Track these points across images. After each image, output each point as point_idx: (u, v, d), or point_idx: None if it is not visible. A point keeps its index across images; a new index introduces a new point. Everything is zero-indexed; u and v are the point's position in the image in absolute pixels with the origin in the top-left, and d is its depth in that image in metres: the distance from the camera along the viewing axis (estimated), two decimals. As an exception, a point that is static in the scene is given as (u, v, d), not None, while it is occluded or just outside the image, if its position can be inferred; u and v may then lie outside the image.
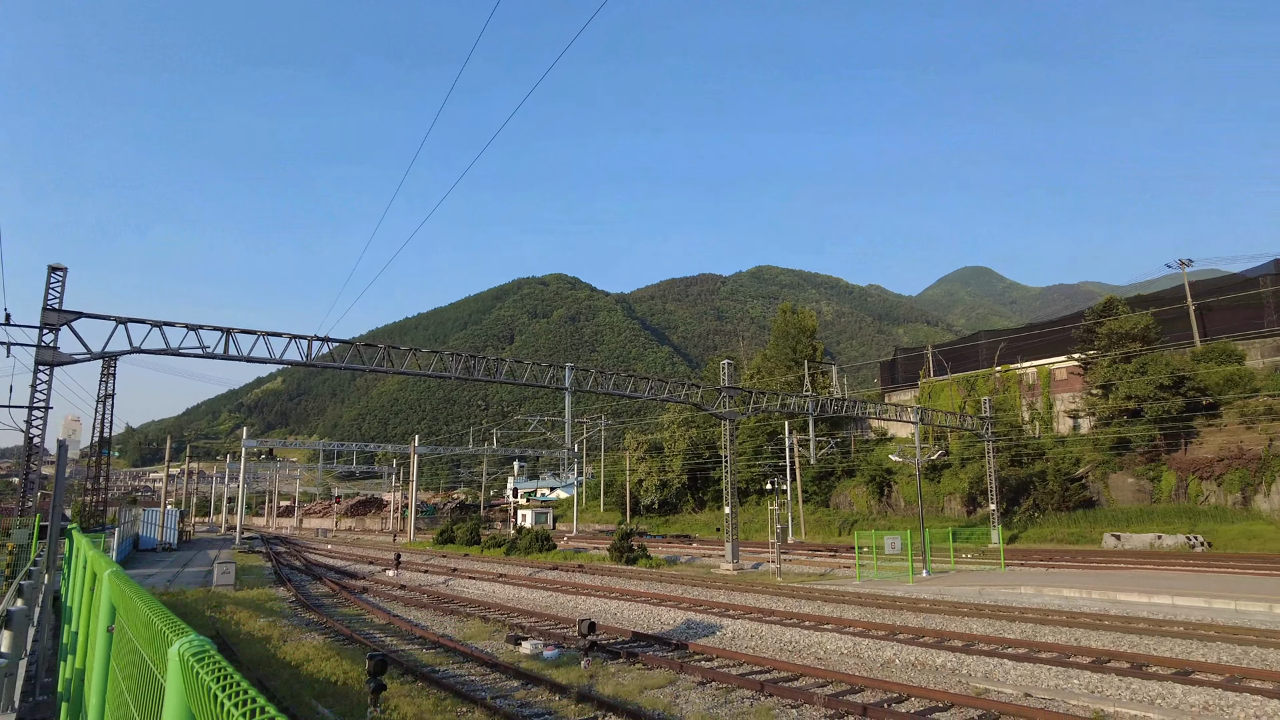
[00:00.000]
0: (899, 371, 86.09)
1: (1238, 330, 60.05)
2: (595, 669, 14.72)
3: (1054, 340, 67.99)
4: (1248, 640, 16.23)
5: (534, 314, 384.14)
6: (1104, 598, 23.98)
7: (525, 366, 35.43)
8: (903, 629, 18.78)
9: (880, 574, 33.36)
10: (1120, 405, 52.99)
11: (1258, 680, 13.09)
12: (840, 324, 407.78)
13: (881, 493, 69.14)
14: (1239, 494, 48.36)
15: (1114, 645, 16.23)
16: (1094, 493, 55.45)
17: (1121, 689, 12.59)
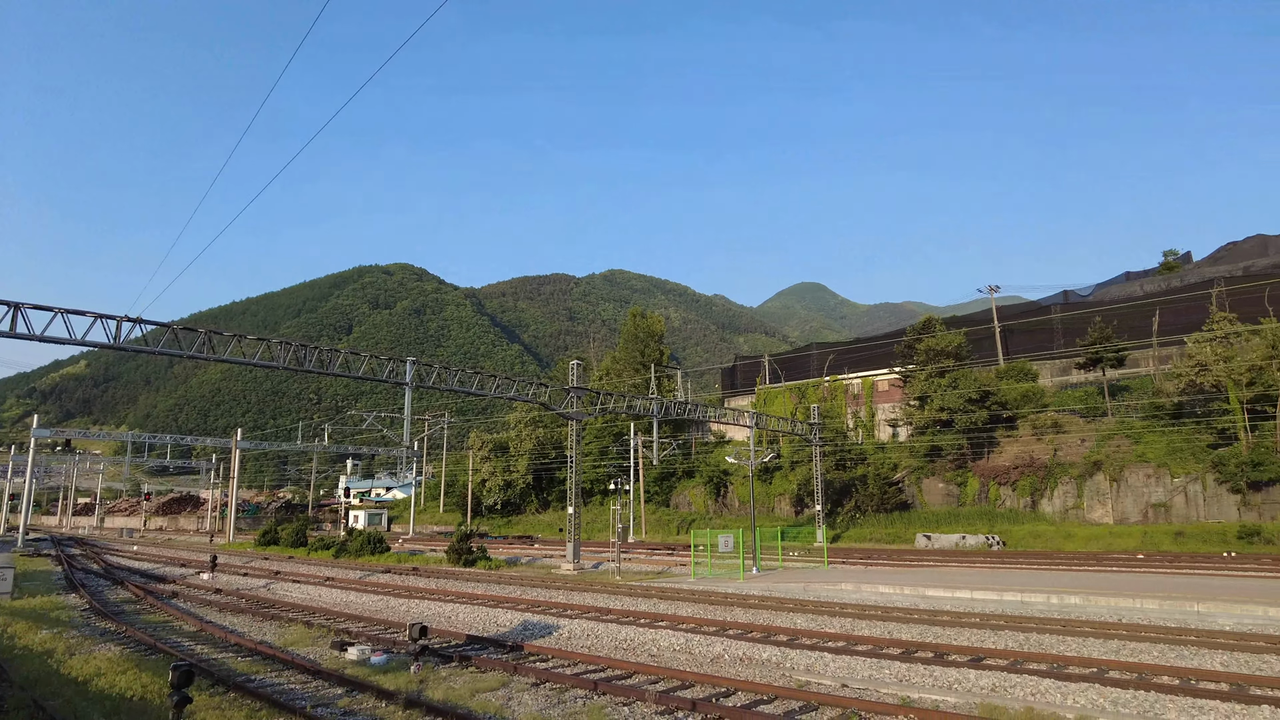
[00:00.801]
0: (738, 378, 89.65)
1: (1033, 352, 67.19)
2: (426, 673, 14.26)
3: (878, 354, 73.25)
4: (1029, 628, 18.10)
5: (376, 304, 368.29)
6: (914, 593, 25.98)
7: (363, 359, 33.87)
8: (733, 625, 19.50)
9: (714, 572, 34.51)
10: (934, 416, 57.73)
11: (1035, 663, 14.60)
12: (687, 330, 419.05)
13: (718, 493, 71.63)
14: (1029, 498, 53.96)
15: (921, 637, 17.60)
16: (909, 496, 60.07)
17: (926, 676, 13.66)
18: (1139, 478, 50.16)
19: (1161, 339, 59.44)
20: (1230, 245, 79.62)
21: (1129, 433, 52.85)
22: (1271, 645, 15.62)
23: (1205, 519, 46.71)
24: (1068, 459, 53.78)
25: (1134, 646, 15.95)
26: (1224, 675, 13.15)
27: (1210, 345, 48.45)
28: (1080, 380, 62.44)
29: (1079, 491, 52.09)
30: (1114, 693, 12.12)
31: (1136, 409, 55.13)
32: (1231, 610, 20.19)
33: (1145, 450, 50.93)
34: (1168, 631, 17.26)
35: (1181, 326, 56.50)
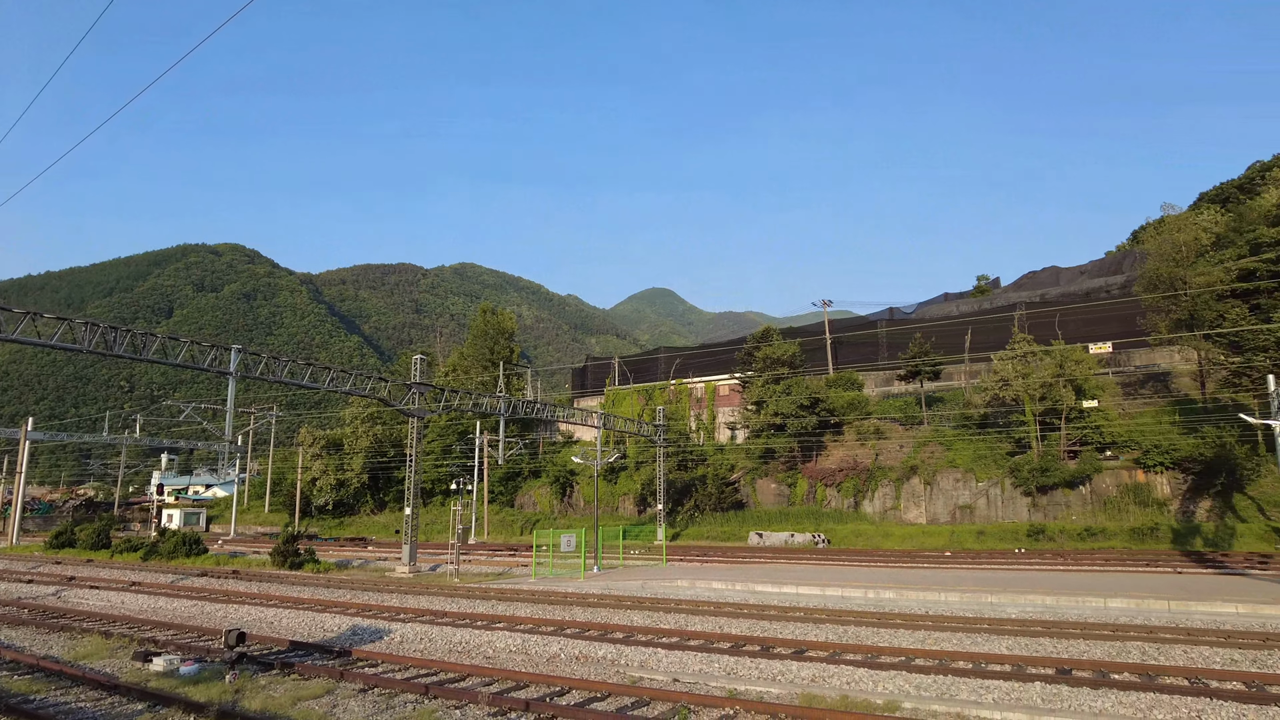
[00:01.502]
0: (589, 378, 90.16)
1: (860, 363, 71.98)
2: (243, 683, 13.36)
3: (721, 360, 75.96)
4: (848, 621, 19.39)
5: (201, 286, 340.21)
6: (745, 589, 27.13)
7: (183, 345, 31.24)
8: (571, 624, 19.59)
9: (555, 571, 34.51)
10: (769, 420, 60.53)
11: (851, 654, 15.66)
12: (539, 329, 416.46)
13: (564, 493, 71.67)
14: (852, 498, 57.70)
15: (750, 631, 18.41)
16: (744, 495, 62.64)
17: (752, 669, 14.32)
18: (949, 481, 54.88)
19: (972, 355, 65.31)
20: (1030, 274, 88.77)
21: (942, 440, 57.72)
22: (1047, 630, 17.57)
23: (1002, 519, 51.77)
24: (888, 463, 57.99)
25: (937, 636, 17.45)
26: (1008, 658, 14.65)
27: (1011, 363, 53.77)
28: (901, 391, 67.47)
29: (897, 493, 56.28)
30: (918, 678, 13.20)
31: (949, 418, 60.28)
32: (1017, 600, 22.51)
33: (955, 456, 55.80)
34: (966, 621, 19.00)
35: (989, 345, 62.36)
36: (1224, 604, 20.27)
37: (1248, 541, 42.06)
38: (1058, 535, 47.39)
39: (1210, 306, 54.03)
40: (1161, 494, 48.23)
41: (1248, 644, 15.74)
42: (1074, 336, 58.32)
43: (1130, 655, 15.14)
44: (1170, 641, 16.23)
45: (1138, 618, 19.58)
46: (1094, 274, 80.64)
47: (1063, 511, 49.86)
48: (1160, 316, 56.94)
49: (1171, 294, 55.58)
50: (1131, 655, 15.14)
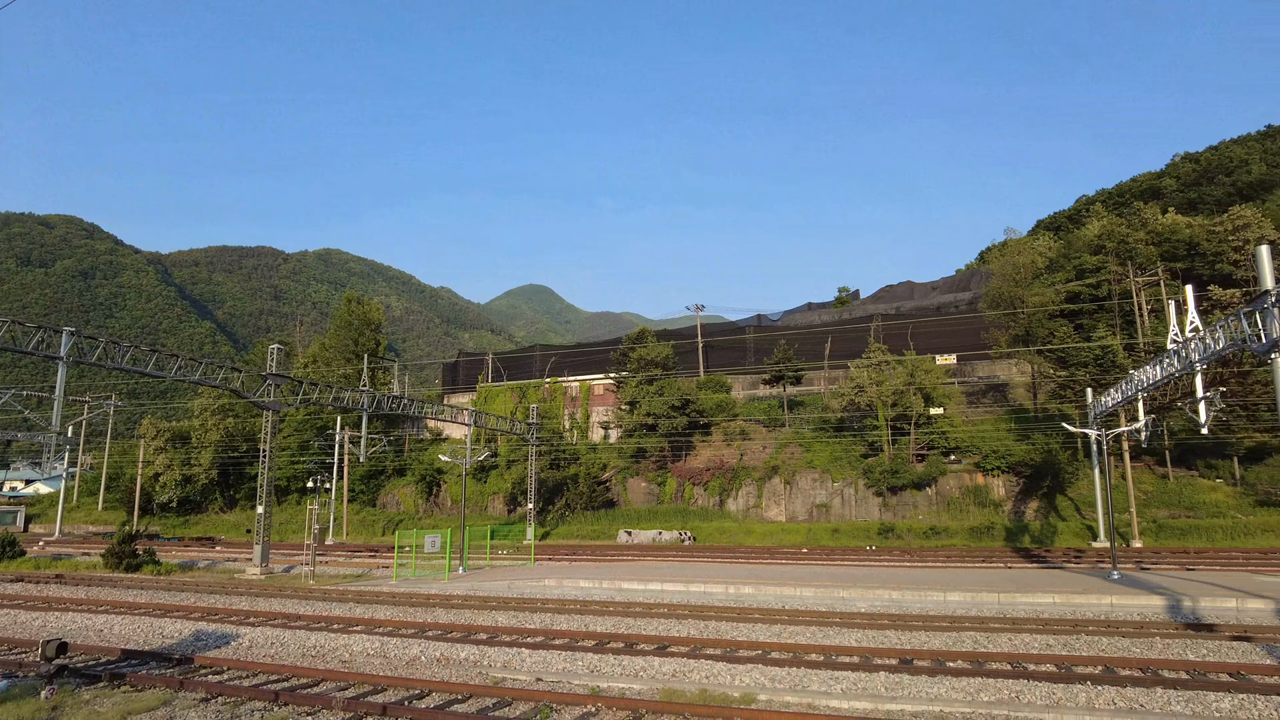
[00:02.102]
0: (461, 374, 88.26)
1: (728, 366, 74.14)
2: (62, 698, 12.25)
3: (597, 359, 76.30)
4: (709, 617, 19.94)
5: (27, 261, 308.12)
6: (612, 587, 27.39)
7: (2, 324, 28.29)
8: (433, 625, 19.15)
9: (418, 572, 33.61)
10: (641, 420, 61.35)
11: (712, 649, 16.13)
12: (409, 321, 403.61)
13: (430, 492, 69.86)
14: (718, 497, 59.34)
15: (615, 628, 18.61)
16: (615, 494, 63.18)
17: (616, 666, 14.47)
18: (808, 481, 57.42)
19: (832, 362, 68.61)
20: (887, 287, 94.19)
21: (801, 442, 60.34)
22: (893, 623, 18.73)
23: (855, 518, 54.68)
24: (751, 463, 60.05)
25: (793, 630, 18.24)
26: (857, 650, 15.52)
27: (867, 370, 56.87)
28: (766, 394, 69.99)
29: (759, 492, 58.36)
30: (773, 670, 13.76)
31: (809, 421, 63.07)
32: (867, 595, 23.86)
33: (814, 457, 58.46)
34: (819, 615, 19.96)
35: (848, 353, 65.70)
36: (1043, 595, 22.27)
37: (1066, 538, 46.34)
38: (905, 533, 50.52)
39: (1043, 324, 59.15)
40: (997, 495, 52.37)
41: (1060, 630, 17.37)
42: (925, 348, 62.40)
43: (964, 644, 16.36)
44: (998, 630, 17.66)
45: (972, 610, 21.20)
46: (945, 290, 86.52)
47: (910, 511, 53.20)
48: (1001, 332, 61.83)
49: (1010, 311, 60.48)
50: (965, 644, 16.36)
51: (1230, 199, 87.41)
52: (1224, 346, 25.54)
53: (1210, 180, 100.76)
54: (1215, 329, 26.16)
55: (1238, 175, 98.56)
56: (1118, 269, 63.66)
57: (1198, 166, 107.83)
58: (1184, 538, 44.06)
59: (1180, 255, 64.94)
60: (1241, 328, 24.21)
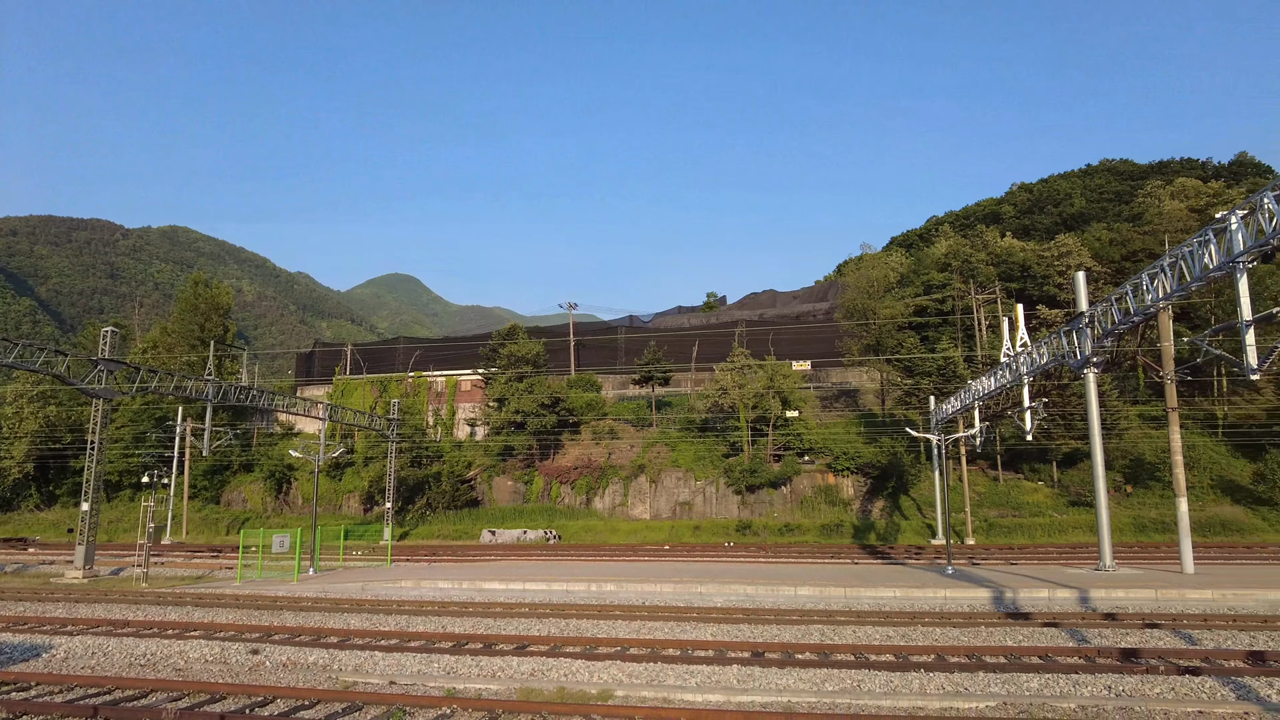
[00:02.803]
0: (317, 365, 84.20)
1: (600, 365, 74.56)
2: None
3: (465, 354, 74.79)
4: (570, 615, 19.98)
5: None
6: (472, 587, 26.93)
7: None
8: (280, 629, 18.18)
9: (265, 574, 31.82)
10: (510, 418, 60.66)
11: (572, 646, 16.19)
12: (261, 307, 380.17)
13: (280, 490, 66.25)
14: (585, 496, 59.53)
15: (474, 629, 18.31)
16: (480, 493, 62.13)
17: (473, 667, 14.25)
18: (672, 480, 58.60)
19: (699, 365, 70.34)
20: (753, 295, 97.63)
21: (668, 441, 61.54)
22: (747, 617, 19.43)
23: (716, 515, 56.28)
24: (619, 462, 60.65)
25: (652, 626, 18.56)
26: (712, 644, 15.99)
27: (731, 374, 58.70)
28: (635, 394, 70.92)
29: (625, 491, 59.03)
30: (631, 667, 13.96)
31: (675, 422, 64.40)
32: (723, 590, 24.63)
33: (679, 457, 59.74)
34: (678, 611, 20.41)
35: (714, 356, 67.59)
36: (886, 589, 23.74)
37: (908, 535, 49.58)
38: (762, 530, 52.50)
39: (892, 335, 63.00)
40: (847, 495, 55.32)
41: (900, 622, 18.59)
42: (785, 353, 65.10)
43: (812, 637, 17.19)
44: (844, 623, 18.68)
45: (821, 604, 22.30)
46: (805, 299, 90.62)
47: (767, 509, 55.34)
48: (854, 341, 65.37)
49: (863, 322, 64.06)
50: (813, 637, 17.20)
51: (1057, 228, 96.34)
52: (1047, 361, 28.13)
53: (1041, 210, 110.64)
54: (1041, 346, 28.78)
55: (1064, 206, 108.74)
56: (961, 286, 68.75)
57: (1031, 196, 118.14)
58: (1010, 535, 48.12)
59: (1015, 276, 70.90)
60: (1062, 345, 26.73)
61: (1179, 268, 20.84)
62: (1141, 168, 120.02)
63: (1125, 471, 52.11)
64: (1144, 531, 46.84)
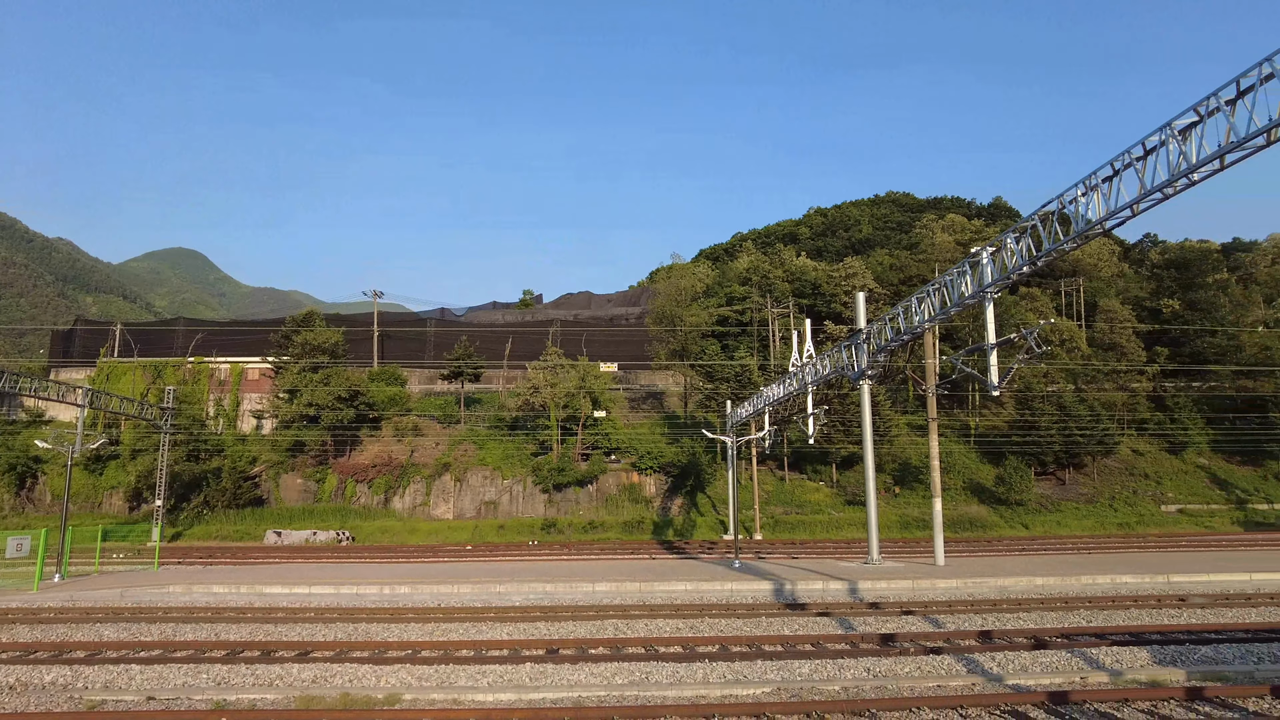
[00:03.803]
0: (77, 345, 74.66)
1: (406, 359, 71.89)
2: None
3: (254, 340, 69.26)
4: (360, 618, 19.16)
5: None
6: (252, 592, 25.04)
7: None
8: (10, 646, 15.97)
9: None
10: (302, 411, 56.94)
11: (360, 651, 15.51)
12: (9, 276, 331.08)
13: (23, 485, 58.05)
14: (383, 495, 57.13)
15: (251, 636, 17.05)
16: (265, 491, 57.79)
17: (248, 676, 13.29)
18: (478, 479, 57.66)
19: (511, 362, 69.76)
20: (569, 295, 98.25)
21: (475, 439, 60.49)
22: (544, 614, 19.57)
23: (522, 514, 56.05)
24: (422, 460, 58.79)
25: (446, 627, 18.20)
26: (508, 643, 15.96)
27: (543, 372, 58.77)
28: (443, 390, 69.07)
29: (428, 490, 57.31)
30: (422, 669, 13.63)
31: (484, 419, 63.44)
32: (522, 589, 24.61)
33: (486, 455, 58.89)
34: (474, 611, 20.16)
35: (527, 354, 67.33)
36: (678, 583, 24.80)
37: (703, 531, 52.04)
38: (566, 528, 52.99)
39: (696, 342, 65.86)
40: (649, 493, 57.11)
41: (689, 614, 19.50)
42: (597, 354, 66.18)
43: (607, 631, 17.62)
44: (637, 617, 19.30)
45: (616, 599, 22.89)
46: (618, 303, 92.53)
47: (573, 507, 55.92)
48: (661, 345, 67.71)
49: (671, 328, 66.52)
50: (608, 631, 17.63)
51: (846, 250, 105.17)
52: (829, 372, 30.65)
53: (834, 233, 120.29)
54: (824, 358, 31.31)
55: (853, 232, 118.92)
56: (760, 300, 73.24)
57: (826, 220, 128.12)
58: (793, 530, 51.84)
59: (807, 293, 76.54)
60: (842, 358, 29.24)
61: (941, 294, 23.52)
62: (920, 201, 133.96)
63: (894, 474, 57.83)
64: (908, 528, 52.19)
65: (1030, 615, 19.34)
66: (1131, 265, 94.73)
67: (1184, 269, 75.98)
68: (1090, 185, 17.39)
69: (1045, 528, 53.34)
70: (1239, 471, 61.85)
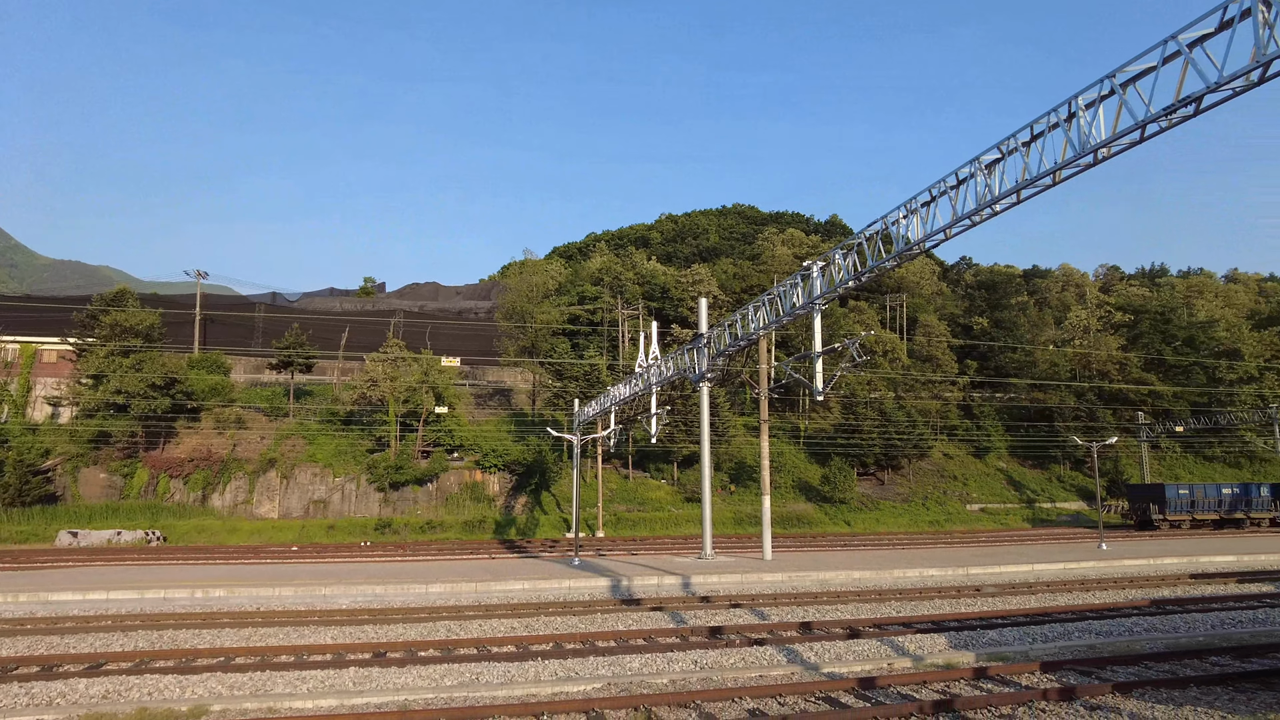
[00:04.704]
0: None
1: (231, 345, 66.96)
2: None
3: (52, 319, 62.16)
4: (166, 625, 17.65)
5: None
6: (35, 600, 22.48)
7: None
8: None
9: None
10: (109, 398, 51.76)
11: (163, 660, 14.32)
12: None
13: None
14: (200, 492, 52.92)
15: (31, 650, 15.34)
16: (60, 488, 52.03)
17: (22, 697, 11.93)
18: (307, 476, 54.60)
19: (348, 353, 66.63)
20: (415, 285, 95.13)
21: (305, 434, 57.24)
22: (373, 617, 18.84)
23: (355, 514, 53.64)
24: (245, 455, 54.96)
25: (265, 632, 17.12)
26: (331, 647, 15.23)
27: (383, 365, 56.55)
28: (272, 380, 64.93)
29: (251, 487, 53.65)
30: (234, 678, 12.76)
31: (316, 413, 60.17)
32: (350, 591, 23.56)
33: (317, 451, 55.88)
34: (297, 614, 19.10)
35: (367, 345, 64.52)
36: (516, 582, 24.61)
37: (546, 530, 51.93)
38: (403, 528, 51.25)
39: (546, 339, 65.66)
40: (492, 491, 56.31)
41: (525, 613, 19.41)
42: (443, 348, 64.49)
43: (439, 633, 17.21)
44: (472, 618, 18.98)
45: (451, 600, 22.40)
46: (468, 296, 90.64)
47: (411, 506, 54.17)
48: (511, 342, 66.95)
49: (521, 325, 65.91)
50: (440, 633, 17.22)
51: (694, 257, 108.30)
52: (672, 374, 31.46)
53: (683, 239, 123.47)
54: (669, 360, 32.11)
55: (701, 239, 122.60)
56: (611, 300, 74.04)
57: (676, 226, 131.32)
58: (635, 528, 52.76)
59: (656, 296, 78.20)
60: (684, 361, 30.11)
61: (776, 304, 24.74)
62: (764, 215, 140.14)
63: (731, 473, 60.18)
64: (742, 524, 54.44)
65: (847, 607, 20.72)
66: (949, 284, 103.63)
67: (992, 290, 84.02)
68: (910, 209, 18.89)
69: (866, 524, 57.28)
70: (1030, 474, 69.14)
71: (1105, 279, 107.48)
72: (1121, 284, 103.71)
